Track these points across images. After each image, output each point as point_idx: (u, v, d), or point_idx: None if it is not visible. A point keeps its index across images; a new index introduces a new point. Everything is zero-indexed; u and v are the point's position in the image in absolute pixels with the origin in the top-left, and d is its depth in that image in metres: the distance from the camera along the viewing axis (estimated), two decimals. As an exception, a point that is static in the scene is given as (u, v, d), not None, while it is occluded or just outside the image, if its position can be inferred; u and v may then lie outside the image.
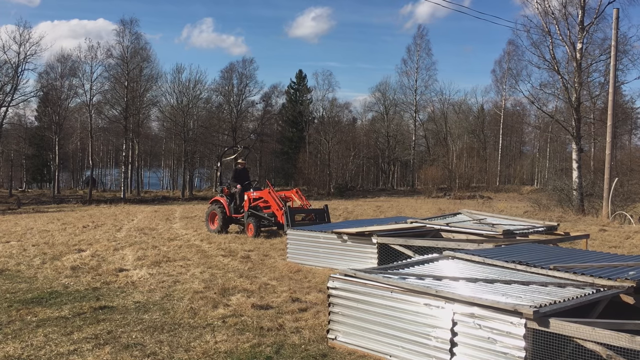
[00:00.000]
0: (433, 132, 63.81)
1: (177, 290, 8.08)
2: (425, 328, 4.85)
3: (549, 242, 9.12)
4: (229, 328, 6.16)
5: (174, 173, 60.66)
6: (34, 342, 5.66)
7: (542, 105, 33.56)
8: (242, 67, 55.18)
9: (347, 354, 5.38)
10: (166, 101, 53.05)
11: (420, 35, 60.36)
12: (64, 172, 60.24)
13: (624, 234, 15.39)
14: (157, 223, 18.92)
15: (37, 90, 47.35)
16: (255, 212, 14.65)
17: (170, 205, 33.57)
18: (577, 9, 24.80)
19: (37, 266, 10.07)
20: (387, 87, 62.52)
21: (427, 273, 5.74)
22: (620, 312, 5.51)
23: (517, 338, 4.23)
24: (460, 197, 40.66)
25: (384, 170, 64.44)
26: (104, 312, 6.86)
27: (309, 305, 7.15)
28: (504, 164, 60.70)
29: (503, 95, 58.02)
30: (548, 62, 25.54)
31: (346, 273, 5.68)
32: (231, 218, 15.33)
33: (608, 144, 22.28)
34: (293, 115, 59.73)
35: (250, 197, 14.95)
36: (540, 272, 5.71)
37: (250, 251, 11.86)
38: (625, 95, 45.32)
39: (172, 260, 10.59)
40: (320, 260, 10.02)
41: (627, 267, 6.05)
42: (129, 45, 47.18)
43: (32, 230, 16.59)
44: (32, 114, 56.74)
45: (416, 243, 8.74)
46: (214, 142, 53.42)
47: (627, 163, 42.19)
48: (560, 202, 24.56)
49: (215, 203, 15.78)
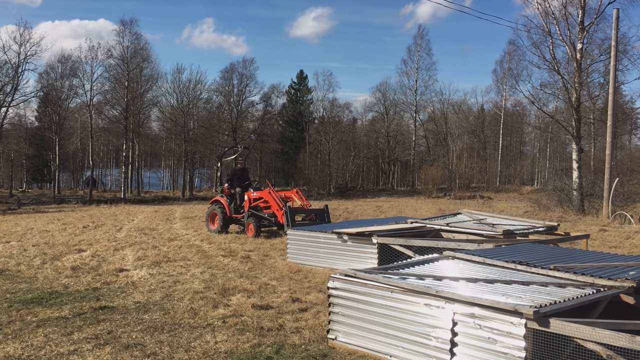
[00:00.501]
0: (433, 132, 63.81)
1: (178, 291, 8.08)
2: (425, 328, 4.85)
3: (549, 242, 9.12)
4: (229, 328, 6.16)
5: (174, 173, 60.66)
6: (34, 342, 5.66)
7: (542, 106, 33.56)
8: (243, 67, 55.28)
9: (347, 354, 5.38)
10: (166, 101, 53.16)
11: (421, 35, 60.45)
12: (64, 173, 60.25)
13: (624, 234, 15.39)
14: (157, 223, 18.92)
15: (38, 90, 47.40)
16: (256, 212, 14.65)
17: (171, 206, 33.57)
18: (577, 9, 24.81)
19: (38, 266, 10.07)
20: (387, 87, 62.62)
21: (427, 273, 5.74)
22: (621, 312, 5.51)
23: (517, 338, 4.23)
24: (460, 197, 40.67)
25: (384, 171, 64.45)
26: (104, 312, 6.86)
27: (309, 305, 7.15)
28: (504, 164, 60.70)
29: (503, 95, 58.09)
30: (548, 62, 25.56)
31: (346, 273, 5.68)
32: (231, 218, 15.33)
33: (608, 144, 22.28)
34: (293, 116, 59.75)
35: (251, 197, 14.94)
36: (541, 272, 5.71)
37: (251, 251, 11.86)
38: (625, 95, 45.34)
39: (172, 261, 10.59)
40: (321, 261, 10.01)
41: (628, 267, 6.05)
42: (129, 45, 47.22)
43: (33, 230, 16.59)
44: (32, 114, 56.90)
45: (416, 243, 8.74)
46: (214, 142, 53.41)
47: (627, 163, 42.19)
48: (561, 202, 24.56)
49: (216, 203, 15.76)
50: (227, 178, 16.21)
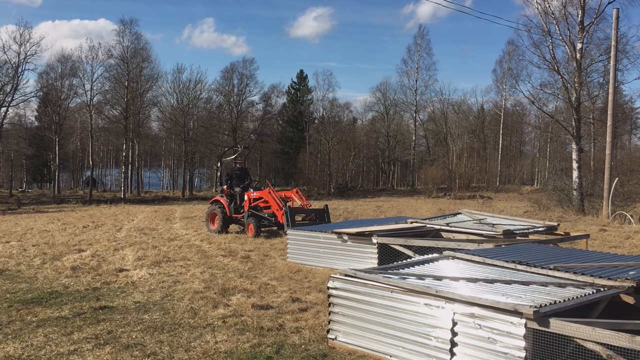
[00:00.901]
0: (433, 132, 63.82)
1: (177, 290, 8.08)
2: (425, 328, 4.85)
3: (549, 242, 9.12)
4: (229, 328, 6.16)
5: (174, 173, 60.67)
6: (34, 342, 5.66)
7: (542, 105, 33.55)
8: (243, 67, 55.28)
9: (347, 354, 5.38)
10: (166, 101, 53.16)
11: (421, 35, 60.43)
12: (64, 172, 60.25)
13: (624, 234, 15.39)
14: (157, 223, 18.92)
15: (37, 90, 47.41)
16: (256, 212, 14.66)
17: (171, 206, 33.56)
18: (577, 9, 24.81)
19: (37, 266, 10.07)
20: (388, 87, 62.62)
21: (427, 273, 5.74)
22: (621, 312, 5.51)
23: (517, 338, 4.23)
24: (460, 197, 40.67)
25: (384, 170, 64.45)
26: (104, 312, 6.86)
27: (309, 305, 7.15)
28: (504, 164, 60.70)
29: (503, 95, 58.10)
30: (548, 62, 25.57)
31: (346, 273, 5.68)
32: (231, 218, 15.34)
33: (608, 144, 22.28)
34: (294, 115, 59.75)
35: (251, 197, 14.95)
36: (541, 272, 5.71)
37: (251, 251, 11.87)
38: (625, 95, 45.35)
39: (172, 261, 10.59)
40: (321, 260, 10.02)
41: (627, 267, 6.05)
42: (129, 45, 47.21)
43: (32, 230, 16.59)
44: (32, 114, 56.89)
45: (416, 243, 8.74)
46: (214, 142, 53.41)
47: (627, 163, 42.17)
48: (561, 202, 24.56)
49: (216, 203, 15.78)
50: (226, 178, 16.26)
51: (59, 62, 47.42)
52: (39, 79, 47.92)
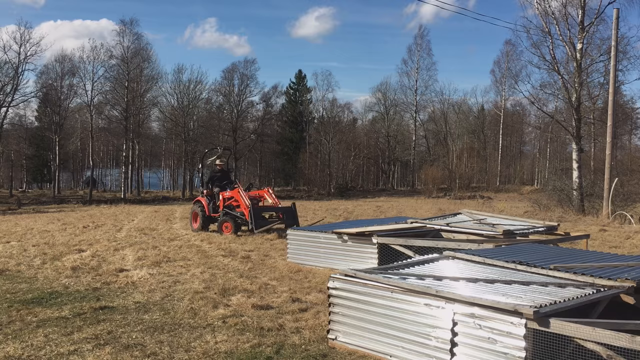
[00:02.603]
0: (433, 132, 63.85)
1: (178, 291, 8.08)
2: (425, 328, 4.85)
3: (549, 242, 9.12)
4: (229, 328, 6.16)
5: (174, 173, 60.68)
6: (34, 342, 5.65)
7: (542, 106, 33.59)
8: (244, 67, 55.20)
9: (347, 354, 5.38)
10: (167, 101, 53.16)
11: (421, 35, 60.47)
12: (64, 173, 60.23)
13: (624, 234, 15.39)
14: (157, 223, 18.92)
15: (37, 90, 47.40)
16: (229, 211, 15.25)
17: (171, 206, 33.57)
18: (577, 9, 24.80)
19: (38, 266, 10.07)
20: (388, 88, 62.66)
21: (428, 273, 5.74)
22: (621, 312, 5.51)
23: (517, 338, 4.23)
24: (460, 197, 40.69)
25: (384, 171, 64.46)
26: (104, 313, 6.85)
27: (309, 305, 7.15)
28: (504, 164, 60.72)
29: (503, 96, 58.11)
30: (548, 62, 25.55)
31: (346, 273, 5.68)
32: (210, 217, 15.98)
33: (608, 144, 22.28)
34: (293, 116, 59.75)
35: (224, 196, 15.60)
36: (541, 272, 5.71)
37: (251, 251, 11.87)
38: (625, 95, 45.39)
39: (172, 261, 10.59)
40: (321, 261, 10.02)
41: (628, 267, 6.05)
42: (130, 45, 47.19)
43: (33, 230, 16.59)
44: (32, 114, 56.81)
45: (416, 243, 8.74)
46: (214, 142, 53.36)
47: (627, 163, 42.15)
48: (561, 202, 24.55)
49: (197, 203, 16.43)
50: (207, 180, 16.95)
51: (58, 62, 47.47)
52: (38, 78, 48.02)
